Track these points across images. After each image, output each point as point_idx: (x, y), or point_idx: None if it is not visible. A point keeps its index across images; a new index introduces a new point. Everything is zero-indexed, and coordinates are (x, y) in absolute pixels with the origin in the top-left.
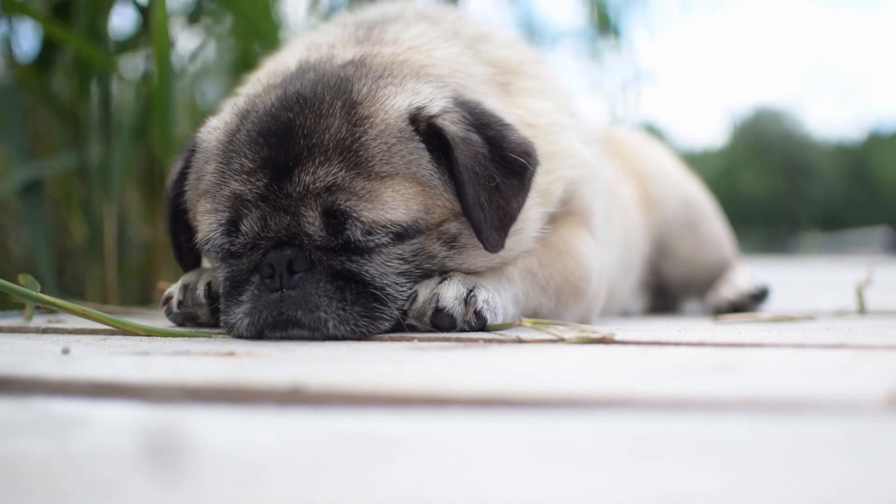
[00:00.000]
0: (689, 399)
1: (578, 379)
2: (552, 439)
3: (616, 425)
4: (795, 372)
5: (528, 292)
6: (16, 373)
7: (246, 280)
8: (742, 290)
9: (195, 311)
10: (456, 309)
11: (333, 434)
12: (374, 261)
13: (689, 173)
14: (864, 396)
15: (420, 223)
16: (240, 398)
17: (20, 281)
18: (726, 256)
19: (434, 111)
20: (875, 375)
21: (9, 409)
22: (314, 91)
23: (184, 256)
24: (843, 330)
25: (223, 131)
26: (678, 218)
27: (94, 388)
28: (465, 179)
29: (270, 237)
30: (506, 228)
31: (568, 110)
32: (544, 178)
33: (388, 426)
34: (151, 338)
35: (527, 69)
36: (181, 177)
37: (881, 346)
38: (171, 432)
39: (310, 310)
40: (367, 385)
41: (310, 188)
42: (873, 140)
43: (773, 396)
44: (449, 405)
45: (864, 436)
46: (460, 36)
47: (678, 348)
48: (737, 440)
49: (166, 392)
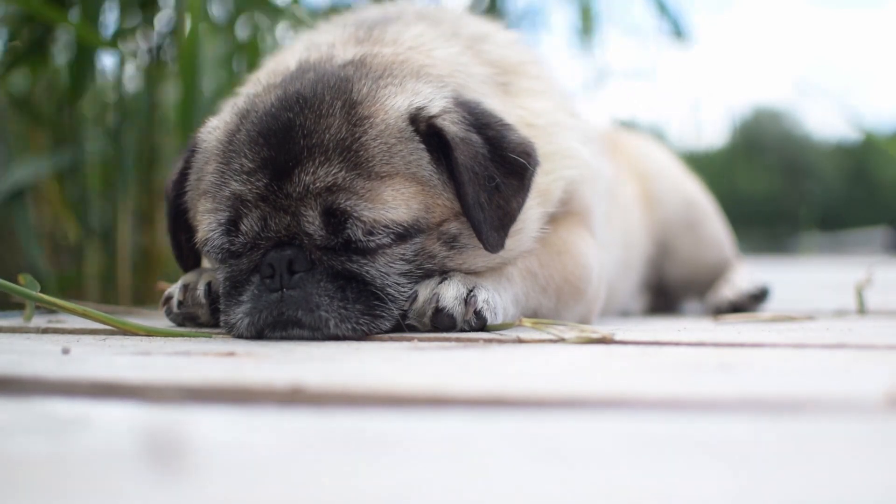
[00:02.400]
0: (690, 399)
1: (578, 379)
2: (552, 439)
3: (616, 425)
4: (795, 372)
5: (528, 292)
6: (16, 373)
7: (246, 280)
8: (742, 289)
9: (195, 311)
10: (456, 309)
11: (333, 434)
12: (375, 261)
13: (690, 173)
14: (864, 396)
15: (420, 223)
16: (240, 398)
17: (20, 281)
18: (726, 256)
19: (434, 111)
20: (875, 375)
21: (9, 409)
22: (314, 91)
23: (184, 256)
24: (843, 330)
25: (223, 131)
26: (678, 218)
27: (94, 388)
28: (465, 179)
29: (270, 237)
30: (506, 228)
31: (568, 110)
32: (544, 178)
33: (387, 426)
34: (151, 338)
35: (527, 69)
36: (181, 177)
37: (881, 346)
38: (171, 432)
39: (310, 309)
40: (367, 385)
41: (310, 188)
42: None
43: (773, 396)
44: (449, 405)
45: (864, 436)
46: (460, 36)
47: (678, 348)
48: (737, 440)
49: (166, 392)
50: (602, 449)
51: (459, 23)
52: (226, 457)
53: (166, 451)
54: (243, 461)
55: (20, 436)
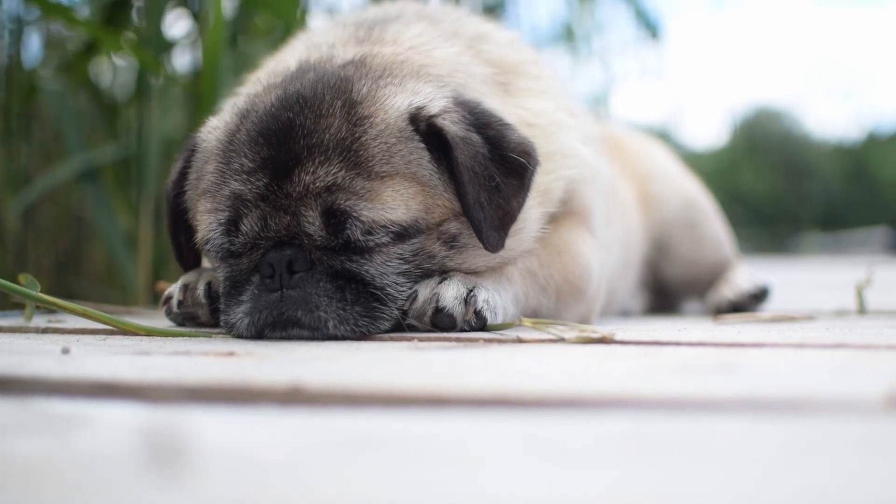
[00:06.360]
0: (690, 399)
1: (578, 379)
2: (552, 439)
3: (616, 425)
4: (795, 372)
5: (528, 292)
6: (16, 373)
7: (246, 280)
8: (742, 289)
9: (195, 311)
10: (456, 309)
11: (333, 434)
12: (375, 260)
13: (690, 173)
14: (864, 396)
15: (420, 223)
16: (240, 398)
17: (20, 281)
18: (726, 256)
19: (434, 111)
20: (875, 375)
21: (9, 409)
22: (314, 91)
23: (184, 256)
24: (843, 330)
25: (223, 131)
26: (678, 217)
27: (94, 388)
28: (465, 179)
29: (270, 237)
30: (506, 228)
31: (568, 110)
32: (544, 177)
33: (387, 426)
34: (151, 338)
35: (527, 69)
36: (181, 177)
37: (881, 346)
38: (171, 432)
39: (310, 310)
40: (367, 385)
41: (310, 188)
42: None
43: (773, 396)
44: (449, 405)
45: (863, 436)
46: (460, 35)
47: (678, 348)
48: (737, 440)
49: (166, 392)
50: (602, 449)
51: (459, 22)
52: (225, 457)
53: (166, 451)
54: (243, 461)
55: (20, 436)
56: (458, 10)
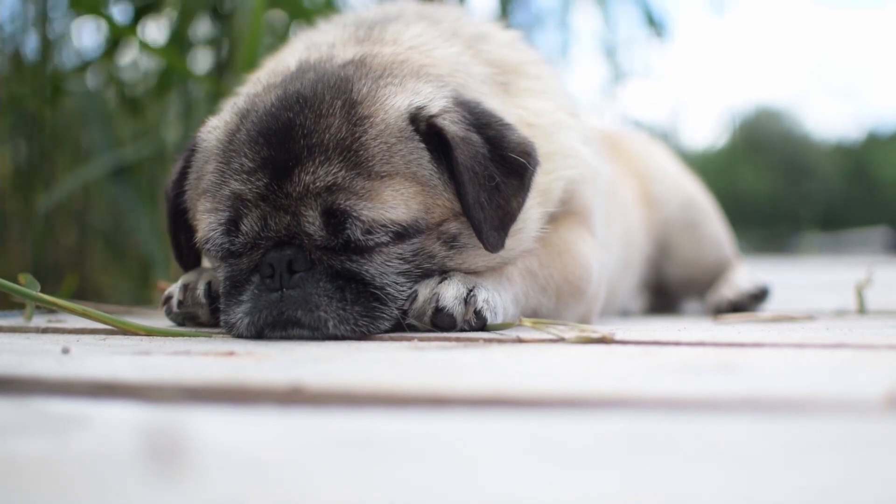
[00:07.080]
0: (690, 399)
1: (578, 379)
2: (552, 439)
3: (616, 425)
4: (795, 372)
5: (528, 292)
6: (16, 373)
7: (246, 280)
8: (742, 289)
9: (195, 311)
10: (456, 308)
11: (333, 434)
12: (374, 260)
13: (690, 173)
14: (864, 396)
15: (420, 223)
16: (240, 398)
17: (20, 281)
18: (726, 256)
19: (434, 111)
20: (875, 375)
21: (9, 409)
22: (314, 91)
23: (184, 256)
24: (843, 330)
25: (223, 131)
26: (678, 217)
27: (94, 388)
28: (465, 179)
29: (270, 237)
30: (506, 228)
31: (568, 110)
32: (544, 177)
33: (387, 426)
34: (151, 337)
35: (527, 69)
36: (181, 176)
37: (881, 346)
38: (171, 432)
39: (310, 309)
40: (367, 385)
41: (310, 188)
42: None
43: (773, 396)
44: (449, 405)
45: (863, 436)
46: (460, 35)
47: (678, 348)
48: (737, 440)
49: (166, 392)
50: (602, 449)
51: (459, 22)
52: (225, 457)
53: (166, 450)
54: (243, 461)
55: (20, 436)
56: (458, 9)
